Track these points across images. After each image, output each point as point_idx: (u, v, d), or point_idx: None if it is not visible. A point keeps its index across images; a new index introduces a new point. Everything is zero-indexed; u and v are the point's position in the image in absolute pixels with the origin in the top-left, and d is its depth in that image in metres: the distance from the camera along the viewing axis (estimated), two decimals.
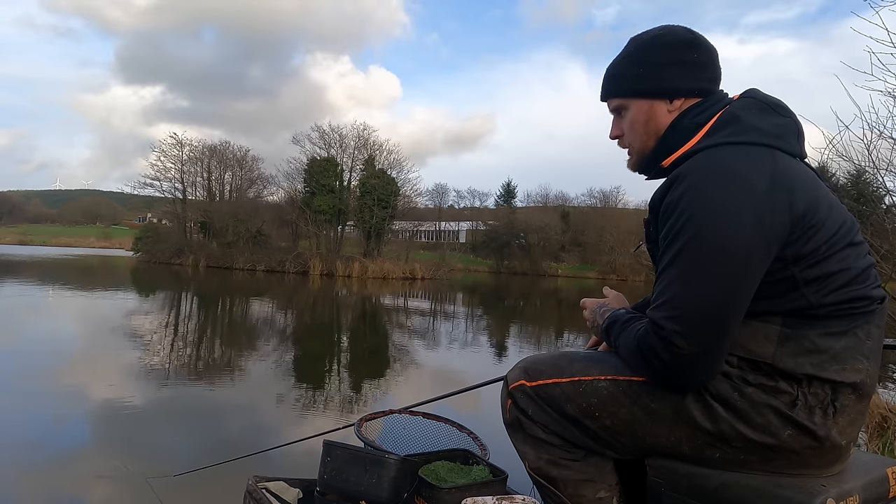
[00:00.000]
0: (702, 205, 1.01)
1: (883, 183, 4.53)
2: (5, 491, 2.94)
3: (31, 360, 6.23)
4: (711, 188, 1.02)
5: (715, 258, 1.00)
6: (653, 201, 1.13)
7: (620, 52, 1.25)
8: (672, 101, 1.18)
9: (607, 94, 1.27)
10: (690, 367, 1.03)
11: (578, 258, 44.34)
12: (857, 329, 1.06)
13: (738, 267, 1.00)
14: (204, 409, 4.84)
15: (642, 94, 1.20)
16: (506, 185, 52.58)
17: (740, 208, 0.99)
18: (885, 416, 4.06)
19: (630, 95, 1.22)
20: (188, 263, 31.06)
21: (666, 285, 1.04)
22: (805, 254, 1.03)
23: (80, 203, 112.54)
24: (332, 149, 34.44)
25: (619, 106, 1.25)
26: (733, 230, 0.99)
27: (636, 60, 1.21)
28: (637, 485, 1.25)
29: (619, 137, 1.27)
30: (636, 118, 1.22)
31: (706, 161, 1.06)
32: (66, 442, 3.75)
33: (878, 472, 1.14)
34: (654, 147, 1.21)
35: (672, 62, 1.18)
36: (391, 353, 8.59)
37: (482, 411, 4.57)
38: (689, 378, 1.05)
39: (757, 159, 1.04)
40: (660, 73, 1.18)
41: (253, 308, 14.12)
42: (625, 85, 1.23)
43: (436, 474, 1.76)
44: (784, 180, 1.03)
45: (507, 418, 1.28)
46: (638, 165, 1.27)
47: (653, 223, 1.15)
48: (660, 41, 1.20)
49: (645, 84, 1.20)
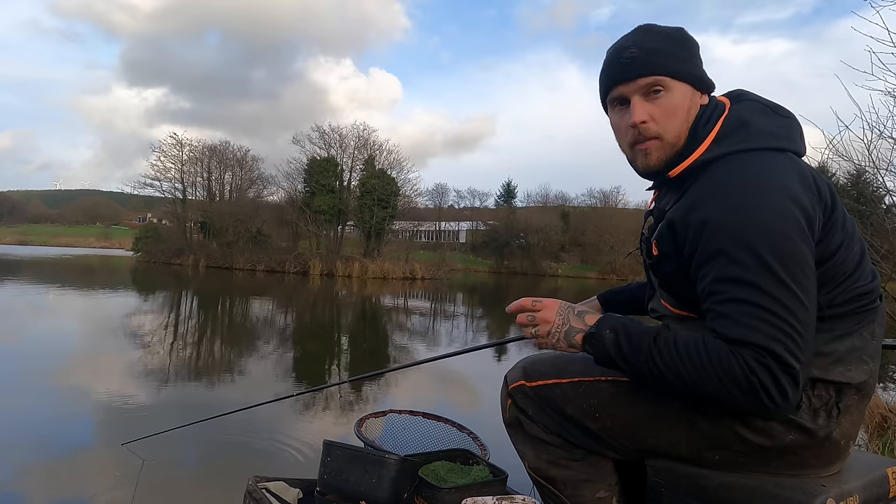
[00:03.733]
0: (750, 219, 0.95)
1: (883, 183, 4.53)
2: (14, 486, 2.94)
3: (32, 360, 6.22)
4: (754, 201, 0.96)
5: (790, 268, 0.94)
6: (671, 217, 1.06)
7: (642, 34, 1.12)
8: (702, 95, 1.13)
9: (648, 69, 1.08)
10: (799, 395, 0.96)
11: (578, 258, 44.31)
12: (863, 329, 1.06)
13: (811, 271, 0.96)
14: (204, 409, 4.84)
15: (690, 78, 1.10)
16: (506, 186, 52.69)
17: (789, 213, 0.95)
18: (885, 416, 4.06)
19: (677, 76, 1.09)
20: (188, 263, 31.04)
21: (746, 306, 0.94)
22: (829, 254, 1.01)
23: (80, 203, 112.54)
24: (332, 149, 34.53)
25: (658, 86, 1.08)
26: (794, 236, 0.95)
27: (680, 44, 1.11)
28: (637, 485, 1.25)
29: (646, 123, 1.09)
30: (680, 103, 1.09)
31: (731, 173, 1.01)
32: (67, 442, 3.75)
33: (878, 472, 1.14)
34: (685, 140, 1.10)
35: (699, 56, 1.14)
36: (391, 353, 8.58)
37: (482, 411, 4.57)
38: (794, 407, 0.98)
39: (779, 163, 1.02)
40: (699, 63, 1.13)
41: (253, 308, 14.11)
42: (669, 64, 1.08)
43: (436, 474, 1.76)
44: (809, 180, 1.01)
45: (507, 418, 1.28)
46: (663, 161, 1.11)
47: (668, 238, 1.07)
48: (688, 34, 1.14)
49: (692, 69, 1.11)
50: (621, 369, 1.06)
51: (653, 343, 1.01)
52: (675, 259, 1.07)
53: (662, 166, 1.12)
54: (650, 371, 1.01)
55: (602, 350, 1.06)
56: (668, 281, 1.14)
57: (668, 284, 1.14)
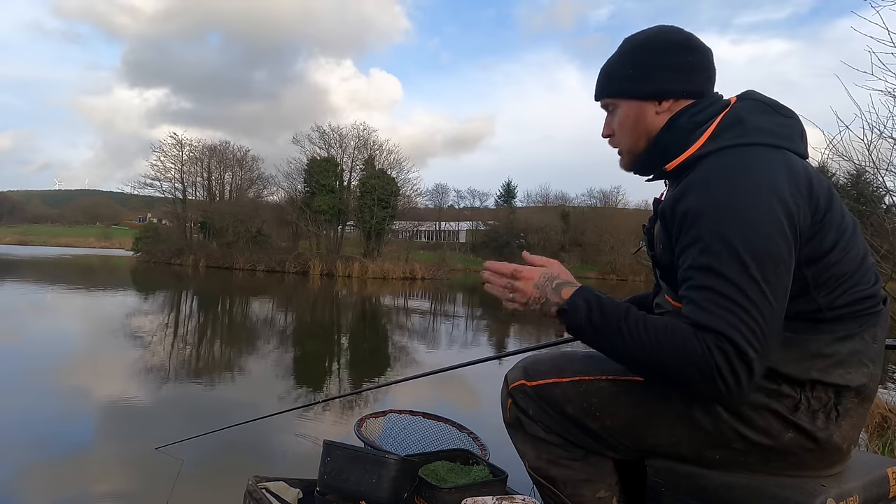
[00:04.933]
0: (730, 212, 0.98)
1: (883, 183, 4.53)
2: (18, 485, 2.94)
3: (33, 359, 6.22)
4: (737, 194, 0.99)
5: (763, 264, 0.96)
6: (662, 209, 1.10)
7: (615, 52, 1.25)
8: (660, 103, 1.18)
9: (599, 94, 1.28)
10: (753, 385, 0.97)
11: (578, 258, 44.30)
12: (865, 332, 1.06)
13: (785, 269, 0.98)
14: (204, 408, 4.84)
15: (631, 94, 1.20)
16: (506, 186, 52.75)
17: (770, 211, 0.97)
18: (885, 416, 4.07)
19: (619, 95, 1.22)
20: (188, 263, 31.05)
21: (713, 294, 0.97)
22: (820, 254, 1.02)
23: (80, 203, 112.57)
24: (332, 149, 34.51)
25: (610, 105, 1.25)
26: (773, 233, 0.97)
27: (628, 61, 1.21)
28: (637, 485, 1.25)
29: (611, 136, 1.27)
30: (625, 118, 1.22)
31: (720, 166, 1.04)
32: (67, 441, 3.75)
33: (878, 472, 1.14)
34: (645, 147, 1.21)
35: (663, 64, 1.17)
36: (391, 353, 8.59)
37: (482, 411, 4.57)
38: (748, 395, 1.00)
39: (770, 160, 1.03)
40: (649, 75, 1.18)
41: (253, 308, 14.12)
42: (614, 85, 1.23)
43: (436, 474, 1.76)
44: (800, 179, 1.02)
45: (508, 418, 1.28)
46: (630, 165, 1.26)
47: (662, 231, 1.11)
48: (652, 42, 1.19)
49: (633, 84, 1.20)
50: (588, 338, 1.09)
51: (623, 317, 1.04)
52: (670, 250, 1.09)
53: (632, 169, 1.27)
54: (615, 343, 1.04)
55: (573, 317, 1.08)
56: (667, 273, 1.15)
57: (667, 277, 1.15)
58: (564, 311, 1.10)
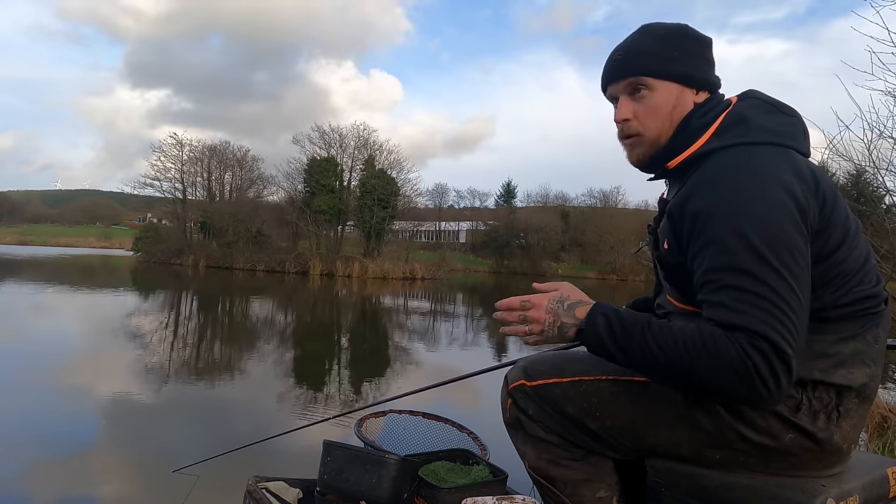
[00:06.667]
0: (741, 208, 0.96)
1: (883, 183, 4.53)
2: (22, 487, 2.94)
3: (33, 359, 6.22)
4: (746, 190, 0.98)
5: (783, 256, 0.94)
6: (670, 209, 1.07)
7: (640, 35, 1.17)
8: (698, 92, 1.15)
9: (629, 70, 1.15)
10: (791, 384, 0.93)
11: (578, 258, 44.33)
12: (867, 333, 1.05)
13: (805, 262, 0.96)
14: (204, 408, 4.84)
15: (676, 76, 1.13)
16: (506, 186, 52.71)
17: (783, 204, 0.96)
18: (885, 416, 4.06)
19: (660, 76, 1.13)
20: (188, 263, 31.05)
21: (738, 292, 0.93)
22: (828, 251, 1.01)
23: (80, 203, 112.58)
24: (333, 149, 34.56)
25: (640, 85, 1.14)
26: (787, 225, 0.95)
27: (670, 43, 1.14)
28: (637, 485, 1.25)
29: (627, 121, 1.15)
30: (663, 101, 1.13)
31: (724, 164, 1.03)
32: (68, 441, 3.75)
33: (878, 472, 1.14)
34: (670, 138, 1.14)
35: (700, 55, 1.17)
36: (391, 352, 8.59)
37: (482, 411, 4.57)
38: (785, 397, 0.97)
39: (775, 157, 1.03)
40: (694, 61, 1.15)
41: (253, 308, 14.12)
42: (656, 64, 1.13)
43: (436, 474, 1.76)
44: (806, 175, 1.02)
45: (508, 418, 1.28)
46: (646, 157, 1.17)
47: (669, 230, 1.08)
48: (690, 33, 1.17)
49: (680, 67, 1.13)
50: (614, 357, 1.04)
51: (647, 327, 1.00)
52: (677, 251, 1.08)
53: (647, 161, 1.17)
54: (643, 356, 0.99)
55: (595, 338, 1.05)
56: (673, 274, 1.14)
57: (673, 277, 1.15)
58: (582, 330, 1.06)
